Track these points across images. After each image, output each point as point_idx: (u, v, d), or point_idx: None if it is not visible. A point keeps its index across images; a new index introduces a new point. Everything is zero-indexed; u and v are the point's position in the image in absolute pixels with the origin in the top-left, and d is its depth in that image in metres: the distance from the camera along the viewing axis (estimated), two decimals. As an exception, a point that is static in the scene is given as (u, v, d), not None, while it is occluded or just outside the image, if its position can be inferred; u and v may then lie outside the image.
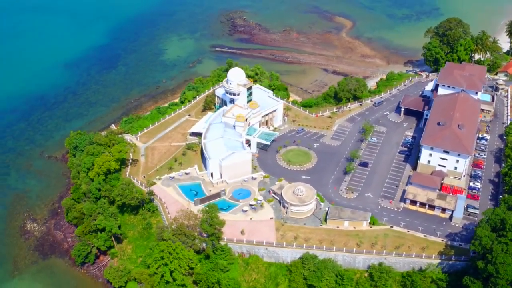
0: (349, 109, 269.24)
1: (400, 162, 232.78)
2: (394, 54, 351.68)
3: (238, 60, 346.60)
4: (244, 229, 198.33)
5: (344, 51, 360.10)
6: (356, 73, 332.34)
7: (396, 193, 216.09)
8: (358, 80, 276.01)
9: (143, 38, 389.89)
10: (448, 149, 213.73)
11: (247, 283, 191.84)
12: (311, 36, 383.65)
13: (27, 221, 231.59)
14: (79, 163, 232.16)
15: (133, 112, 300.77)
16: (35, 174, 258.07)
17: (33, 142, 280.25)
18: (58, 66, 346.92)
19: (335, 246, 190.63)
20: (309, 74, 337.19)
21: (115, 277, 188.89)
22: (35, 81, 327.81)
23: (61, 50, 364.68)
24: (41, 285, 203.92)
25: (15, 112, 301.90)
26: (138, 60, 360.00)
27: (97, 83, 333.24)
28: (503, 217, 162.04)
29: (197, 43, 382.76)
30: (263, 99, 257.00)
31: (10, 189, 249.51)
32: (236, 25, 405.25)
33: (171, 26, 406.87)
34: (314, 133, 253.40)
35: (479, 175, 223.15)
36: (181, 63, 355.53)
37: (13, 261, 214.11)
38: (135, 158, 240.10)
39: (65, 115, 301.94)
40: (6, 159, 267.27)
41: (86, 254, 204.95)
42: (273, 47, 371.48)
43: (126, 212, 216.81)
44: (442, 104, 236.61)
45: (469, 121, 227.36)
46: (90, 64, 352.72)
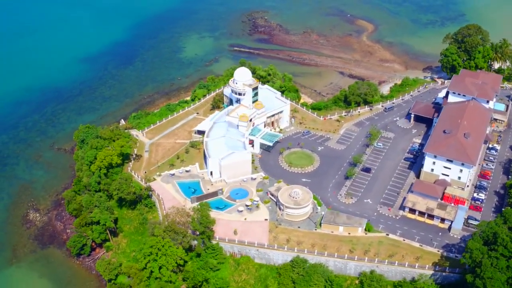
0: (358, 114, 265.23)
1: (404, 169, 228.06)
2: (414, 60, 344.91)
3: (255, 60, 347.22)
4: (237, 229, 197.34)
5: (362, 55, 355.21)
6: (372, 77, 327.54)
7: (396, 200, 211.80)
8: (369, 84, 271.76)
9: (163, 35, 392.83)
10: (451, 158, 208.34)
11: (236, 284, 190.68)
12: (331, 38, 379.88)
13: (30, 210, 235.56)
14: (84, 156, 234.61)
15: (145, 108, 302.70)
16: (43, 165, 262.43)
17: (45, 134, 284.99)
18: (76, 60, 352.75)
19: (327, 251, 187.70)
20: (325, 76, 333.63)
21: (106, 270, 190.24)
22: (53, 74, 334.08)
23: (82, 44, 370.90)
24: (37, 274, 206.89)
25: (30, 103, 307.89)
26: (155, 56, 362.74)
27: (113, 78, 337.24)
28: (496, 231, 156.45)
29: (216, 42, 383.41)
30: (271, 100, 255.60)
31: (17, 179, 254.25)
32: (257, 25, 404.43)
33: (192, 24, 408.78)
34: (320, 136, 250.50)
35: (485, 186, 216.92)
36: (197, 61, 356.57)
37: (12, 249, 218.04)
38: (139, 153, 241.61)
39: (78, 108, 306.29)
40: (16, 150, 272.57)
41: (81, 245, 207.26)
42: (292, 48, 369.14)
43: (124, 207, 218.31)
44: (451, 112, 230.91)
45: (476, 130, 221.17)
46: (108, 59, 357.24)
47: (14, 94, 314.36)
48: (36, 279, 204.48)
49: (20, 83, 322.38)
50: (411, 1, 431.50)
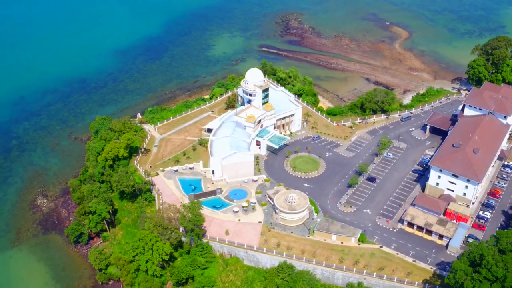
0: (373, 121, 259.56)
1: (411, 182, 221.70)
2: (444, 70, 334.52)
3: (283, 62, 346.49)
4: (229, 230, 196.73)
5: (392, 62, 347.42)
6: (398, 85, 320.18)
7: (397, 212, 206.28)
8: (387, 92, 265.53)
9: (195, 32, 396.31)
10: (457, 173, 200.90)
11: (223, 284, 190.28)
12: (362, 44, 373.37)
13: (39, 196, 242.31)
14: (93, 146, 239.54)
15: (165, 103, 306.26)
16: (58, 153, 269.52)
17: (65, 123, 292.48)
18: (107, 53, 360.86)
19: (316, 259, 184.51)
20: (350, 82, 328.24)
21: (96, 259, 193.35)
22: (82, 65, 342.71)
23: (115, 37, 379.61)
24: (35, 258, 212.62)
25: (56, 92, 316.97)
26: (184, 53, 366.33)
27: (139, 72, 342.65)
28: (482, 252, 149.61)
29: (246, 41, 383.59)
30: (284, 103, 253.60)
31: (33, 164, 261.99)
32: (290, 27, 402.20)
33: (225, 22, 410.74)
34: (330, 141, 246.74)
35: (492, 204, 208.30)
36: (225, 60, 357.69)
37: (16, 231, 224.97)
38: (148, 147, 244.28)
39: (101, 100, 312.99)
40: (36, 136, 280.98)
41: (79, 233, 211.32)
42: (321, 52, 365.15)
43: (125, 199, 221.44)
44: (464, 126, 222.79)
45: (489, 146, 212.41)
46: (137, 53, 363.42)
47: (42, 82, 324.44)
48: (34, 262, 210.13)
49: (50, 72, 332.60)
50: (451, 10, 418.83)
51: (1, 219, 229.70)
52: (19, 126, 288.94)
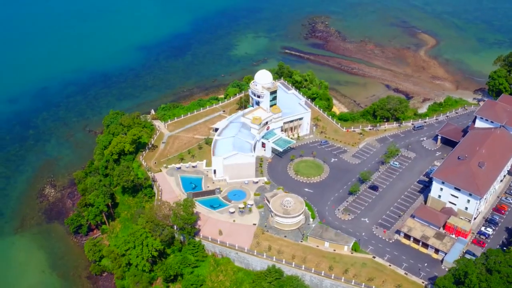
0: (384, 129, 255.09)
1: (414, 193, 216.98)
2: (468, 80, 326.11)
3: (304, 64, 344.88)
4: (222, 230, 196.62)
5: (415, 70, 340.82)
6: (418, 93, 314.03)
7: (395, 223, 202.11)
8: (400, 100, 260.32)
9: (220, 31, 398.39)
10: (459, 186, 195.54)
11: (212, 283, 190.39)
12: (387, 50, 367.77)
13: (47, 186, 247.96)
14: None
15: (182, 100, 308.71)
16: (71, 144, 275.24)
17: (82, 115, 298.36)
18: (131, 48, 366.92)
19: (305, 265, 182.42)
20: (369, 88, 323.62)
21: (90, 251, 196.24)
22: (105, 59, 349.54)
23: (140, 33, 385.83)
24: (36, 245, 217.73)
25: (77, 85, 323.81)
26: (207, 52, 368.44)
27: (160, 69, 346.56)
28: (467, 270, 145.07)
29: (270, 42, 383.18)
30: (293, 106, 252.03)
31: (45, 154, 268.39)
32: (315, 30, 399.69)
33: (252, 22, 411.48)
34: (337, 147, 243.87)
35: (496, 220, 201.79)
36: (246, 60, 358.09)
37: (21, 219, 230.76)
38: (156, 144, 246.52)
39: (119, 94, 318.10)
40: (52, 127, 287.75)
41: (78, 224, 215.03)
42: (343, 56, 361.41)
43: (126, 193, 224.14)
44: (473, 138, 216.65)
45: (496, 160, 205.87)
46: (161, 50, 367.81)
47: (65, 74, 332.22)
48: (34, 250, 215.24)
49: (74, 65, 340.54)
50: (483, 19, 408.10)
51: (9, 205, 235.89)
52: (38, 116, 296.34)
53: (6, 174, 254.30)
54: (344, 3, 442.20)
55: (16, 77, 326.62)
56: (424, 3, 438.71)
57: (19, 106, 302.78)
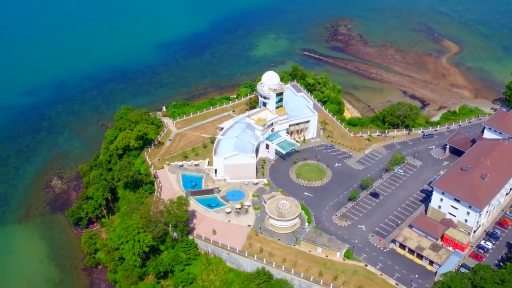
0: (393, 136, 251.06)
1: (416, 202, 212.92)
2: (488, 89, 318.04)
3: (322, 67, 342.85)
4: (217, 230, 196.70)
5: (434, 77, 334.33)
6: (435, 101, 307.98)
7: (392, 232, 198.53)
8: (411, 107, 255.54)
9: (241, 31, 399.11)
10: (458, 198, 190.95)
11: (202, 282, 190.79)
12: (407, 55, 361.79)
13: (55, 177, 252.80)
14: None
15: (195, 99, 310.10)
16: (82, 138, 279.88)
17: (96, 110, 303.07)
18: (151, 46, 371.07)
19: (295, 269, 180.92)
20: (385, 93, 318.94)
21: (86, 243, 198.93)
22: (125, 55, 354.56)
23: (161, 30, 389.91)
24: (38, 235, 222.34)
25: (94, 79, 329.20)
26: (226, 51, 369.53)
27: (177, 67, 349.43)
28: (450, 285, 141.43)
29: (290, 44, 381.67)
30: (301, 109, 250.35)
31: (56, 147, 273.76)
32: (337, 33, 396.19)
33: (274, 23, 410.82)
34: (342, 152, 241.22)
35: (497, 235, 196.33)
36: (264, 61, 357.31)
37: (26, 208, 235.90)
38: (162, 140, 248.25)
39: (135, 90, 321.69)
40: (66, 120, 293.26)
41: (78, 216, 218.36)
42: (363, 60, 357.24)
43: (128, 188, 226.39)
44: (479, 149, 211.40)
45: (501, 172, 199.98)
46: (180, 48, 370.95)
47: (84, 69, 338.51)
48: (35, 239, 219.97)
49: (92, 60, 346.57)
50: (510, 27, 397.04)
51: (15, 195, 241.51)
52: (53, 109, 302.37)
53: (16, 165, 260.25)
54: (369, 7, 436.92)
55: (36, 70, 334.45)
56: (450, 9, 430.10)
57: (36, 99, 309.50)
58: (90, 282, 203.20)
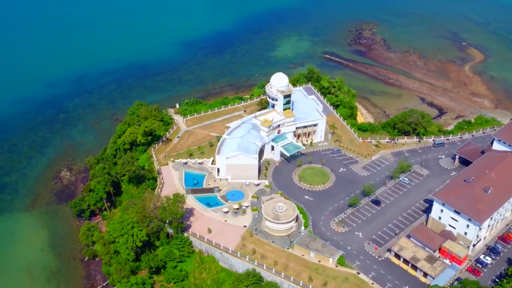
0: (402, 143, 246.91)
1: (418, 211, 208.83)
2: (510, 99, 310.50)
3: (341, 71, 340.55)
4: (212, 229, 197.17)
5: (455, 85, 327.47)
6: (453, 109, 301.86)
7: (390, 241, 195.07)
8: (423, 115, 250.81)
9: (265, 31, 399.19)
10: (458, 210, 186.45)
11: (194, 279, 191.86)
12: (430, 62, 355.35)
13: (64, 168, 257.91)
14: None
15: (210, 97, 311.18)
16: (95, 131, 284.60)
17: (112, 104, 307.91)
18: (174, 43, 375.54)
19: (285, 273, 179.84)
20: (403, 100, 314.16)
21: (84, 235, 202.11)
22: (146, 52, 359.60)
23: (185, 28, 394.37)
24: (41, 224, 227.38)
25: (114, 74, 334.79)
26: (247, 51, 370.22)
27: (197, 64, 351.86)
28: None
29: (312, 46, 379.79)
30: (310, 112, 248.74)
31: (69, 138, 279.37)
32: (361, 37, 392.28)
33: (298, 25, 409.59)
34: (349, 157, 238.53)
35: (498, 250, 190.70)
36: (284, 62, 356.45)
37: (34, 197, 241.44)
38: (171, 137, 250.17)
39: (152, 86, 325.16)
40: (82, 113, 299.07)
41: (81, 208, 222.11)
42: (384, 65, 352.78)
43: (131, 183, 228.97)
44: (486, 160, 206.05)
45: (506, 186, 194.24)
46: (201, 46, 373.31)
47: (104, 63, 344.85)
48: (38, 228, 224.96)
49: (114, 55, 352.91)
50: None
51: (25, 184, 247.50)
52: (71, 101, 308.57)
53: (29, 154, 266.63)
54: (397, 12, 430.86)
55: (59, 63, 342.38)
56: (479, 16, 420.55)
57: (55, 91, 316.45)
58: (86, 273, 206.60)
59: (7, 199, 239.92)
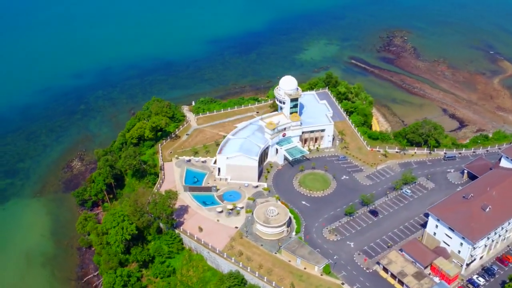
0: (412, 154, 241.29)
1: (416, 225, 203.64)
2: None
3: (365, 77, 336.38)
4: (204, 227, 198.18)
5: (481, 97, 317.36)
6: (475, 122, 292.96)
7: (381, 253, 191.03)
8: (436, 126, 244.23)
9: (295, 34, 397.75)
10: (452, 227, 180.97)
11: (181, 276, 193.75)
12: (458, 73, 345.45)
13: (76, 158, 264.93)
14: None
15: (229, 97, 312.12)
16: (112, 124, 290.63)
17: (132, 98, 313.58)
18: (202, 41, 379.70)
19: (268, 277, 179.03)
20: (424, 110, 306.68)
21: (80, 224, 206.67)
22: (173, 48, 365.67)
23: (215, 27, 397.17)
24: (46, 211, 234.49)
25: (138, 69, 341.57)
26: (273, 52, 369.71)
27: (222, 63, 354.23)
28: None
29: (340, 51, 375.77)
30: (319, 117, 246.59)
31: (86, 130, 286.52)
32: (391, 44, 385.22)
33: (330, 29, 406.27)
34: (354, 165, 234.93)
35: (494, 271, 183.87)
36: (308, 66, 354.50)
37: (43, 185, 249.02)
38: (180, 134, 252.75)
39: (174, 83, 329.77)
40: (102, 105, 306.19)
41: (83, 198, 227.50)
42: (410, 73, 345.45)
43: (134, 176, 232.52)
44: (490, 178, 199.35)
45: (506, 205, 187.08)
46: (228, 45, 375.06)
47: (131, 58, 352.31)
48: (43, 214, 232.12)
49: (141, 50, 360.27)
50: None
51: (37, 171, 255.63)
52: (93, 93, 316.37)
53: (45, 143, 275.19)
54: (431, 20, 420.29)
55: (87, 56, 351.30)
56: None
57: (80, 82, 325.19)
58: (80, 262, 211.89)
59: (18, 184, 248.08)
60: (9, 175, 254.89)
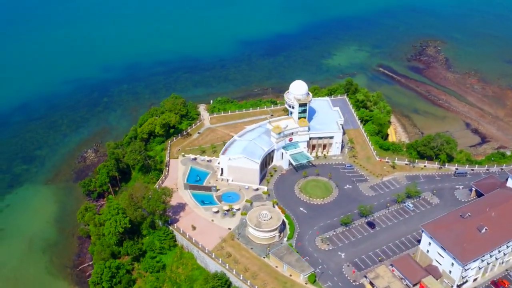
0: (421, 167, 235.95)
1: (412, 241, 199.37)
2: None
3: (391, 86, 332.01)
4: (197, 226, 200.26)
5: (508, 113, 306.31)
6: (497, 139, 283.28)
7: (371, 266, 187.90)
8: (449, 140, 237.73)
9: (326, 38, 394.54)
10: (444, 246, 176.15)
11: (170, 272, 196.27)
12: (488, 87, 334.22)
13: (91, 149, 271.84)
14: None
15: (250, 98, 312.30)
16: (131, 118, 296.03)
17: (155, 94, 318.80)
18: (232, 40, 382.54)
19: (252, 281, 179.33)
20: (446, 123, 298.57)
21: (80, 213, 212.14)
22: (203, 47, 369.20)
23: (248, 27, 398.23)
24: (54, 198, 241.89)
25: (165, 65, 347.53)
26: (301, 56, 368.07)
27: (248, 64, 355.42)
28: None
29: (369, 58, 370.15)
30: (330, 123, 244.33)
31: (106, 122, 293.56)
32: (423, 53, 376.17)
33: (362, 35, 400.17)
34: (359, 174, 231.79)
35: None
36: (334, 71, 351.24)
37: (55, 173, 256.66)
38: (191, 132, 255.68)
39: (198, 81, 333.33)
40: (124, 99, 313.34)
41: (88, 188, 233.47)
42: (437, 85, 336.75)
43: (141, 171, 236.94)
44: (493, 198, 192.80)
45: (505, 228, 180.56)
46: (258, 47, 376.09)
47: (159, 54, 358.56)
48: (50, 202, 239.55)
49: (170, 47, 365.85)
50: None
51: (52, 159, 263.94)
52: (118, 87, 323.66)
53: (64, 132, 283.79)
54: (469, 31, 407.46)
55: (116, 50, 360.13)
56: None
57: (107, 75, 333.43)
58: (79, 251, 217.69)
59: (32, 170, 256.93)
60: (26, 161, 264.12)
